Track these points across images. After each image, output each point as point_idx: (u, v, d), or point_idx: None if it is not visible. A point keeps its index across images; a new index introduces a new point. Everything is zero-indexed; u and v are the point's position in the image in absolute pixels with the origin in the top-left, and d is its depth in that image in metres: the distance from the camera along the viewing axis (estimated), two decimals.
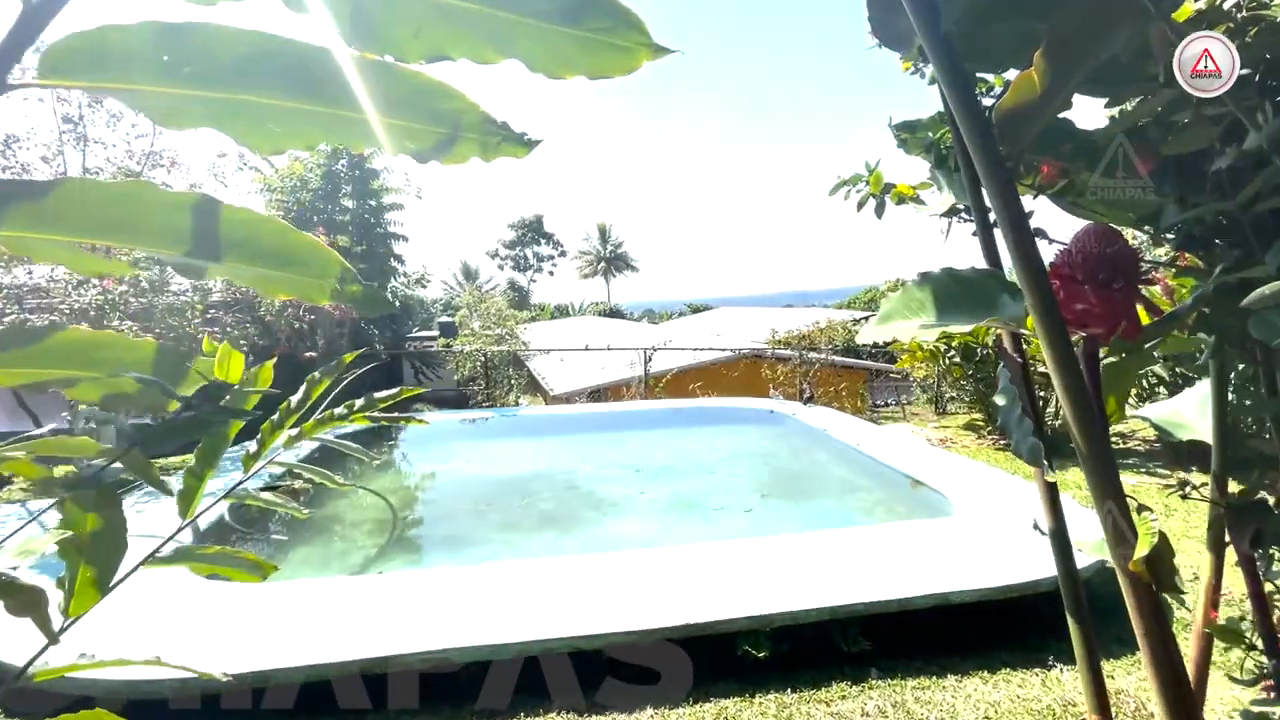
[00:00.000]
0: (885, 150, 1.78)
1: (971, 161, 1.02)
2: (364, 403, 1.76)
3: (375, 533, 4.53)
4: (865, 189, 1.68)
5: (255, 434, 1.18)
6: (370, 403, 1.76)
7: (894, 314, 1.17)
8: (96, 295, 5.70)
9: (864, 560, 3.45)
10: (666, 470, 5.97)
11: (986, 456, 7.84)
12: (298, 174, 10.31)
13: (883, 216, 1.69)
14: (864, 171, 1.67)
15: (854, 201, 1.74)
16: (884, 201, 1.65)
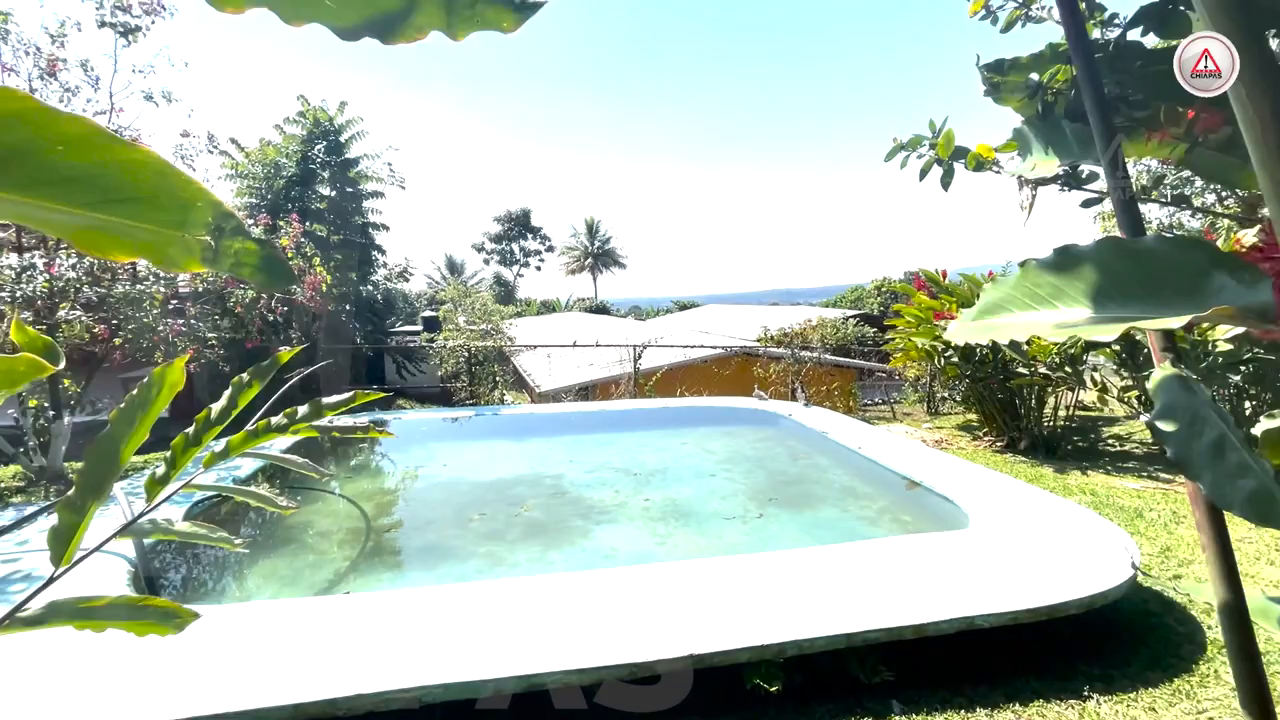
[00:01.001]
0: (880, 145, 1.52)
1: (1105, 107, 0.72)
2: (308, 410, 1.43)
3: (347, 543, 4.18)
4: (929, 154, 1.39)
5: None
6: (315, 410, 1.43)
7: (1006, 304, 0.87)
8: (44, 284, 5.26)
9: (878, 578, 3.18)
10: (659, 474, 5.67)
11: (985, 459, 7.65)
12: (271, 159, 9.85)
13: (950, 187, 1.40)
14: (928, 133, 1.38)
15: (886, 182, 1.44)
16: (952, 169, 1.36)
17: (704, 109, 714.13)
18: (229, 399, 1.37)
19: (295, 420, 1.52)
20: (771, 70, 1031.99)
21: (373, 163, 11.14)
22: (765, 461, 6.20)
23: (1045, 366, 7.38)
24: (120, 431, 0.92)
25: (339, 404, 1.55)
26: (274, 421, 1.48)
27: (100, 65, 6.21)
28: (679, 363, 13.18)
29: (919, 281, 9.35)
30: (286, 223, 7.93)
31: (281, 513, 1.54)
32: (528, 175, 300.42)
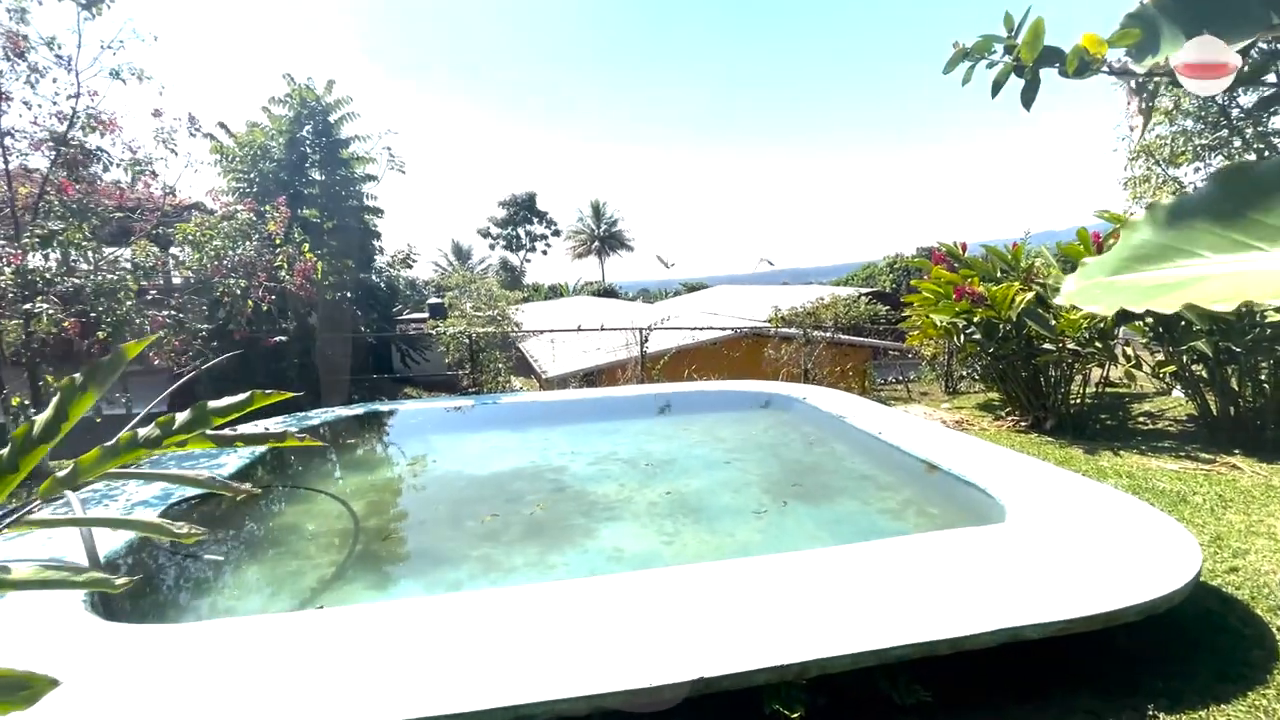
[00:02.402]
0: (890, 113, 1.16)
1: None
2: (190, 416, 1.11)
3: (334, 547, 3.91)
4: (1004, 60, 1.04)
5: None
6: (200, 416, 1.11)
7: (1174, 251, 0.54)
8: (10, 275, 4.98)
9: (908, 582, 2.85)
10: (667, 465, 5.35)
11: (1010, 440, 7.29)
12: (258, 142, 9.50)
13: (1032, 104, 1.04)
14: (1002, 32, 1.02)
15: (897, 155, 1.08)
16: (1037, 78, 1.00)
17: (709, 87, 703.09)
18: (56, 408, 1.05)
19: (171, 431, 1.19)
20: (778, 45, 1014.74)
21: (366, 145, 10.77)
22: (779, 449, 5.87)
23: (1074, 342, 6.97)
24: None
25: (230, 408, 1.22)
26: (142, 434, 1.16)
27: (66, 41, 5.87)
28: (687, 345, 12.82)
29: (937, 255, 8.91)
30: (274, 208, 7.61)
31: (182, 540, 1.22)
32: (532, 158, 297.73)
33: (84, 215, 6.08)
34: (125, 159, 6.46)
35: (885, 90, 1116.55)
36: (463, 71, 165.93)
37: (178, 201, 7.20)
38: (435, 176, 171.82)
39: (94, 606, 2.81)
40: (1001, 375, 8.33)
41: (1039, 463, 4.62)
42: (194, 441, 1.25)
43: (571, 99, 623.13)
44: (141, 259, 6.19)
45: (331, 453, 6.13)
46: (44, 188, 5.97)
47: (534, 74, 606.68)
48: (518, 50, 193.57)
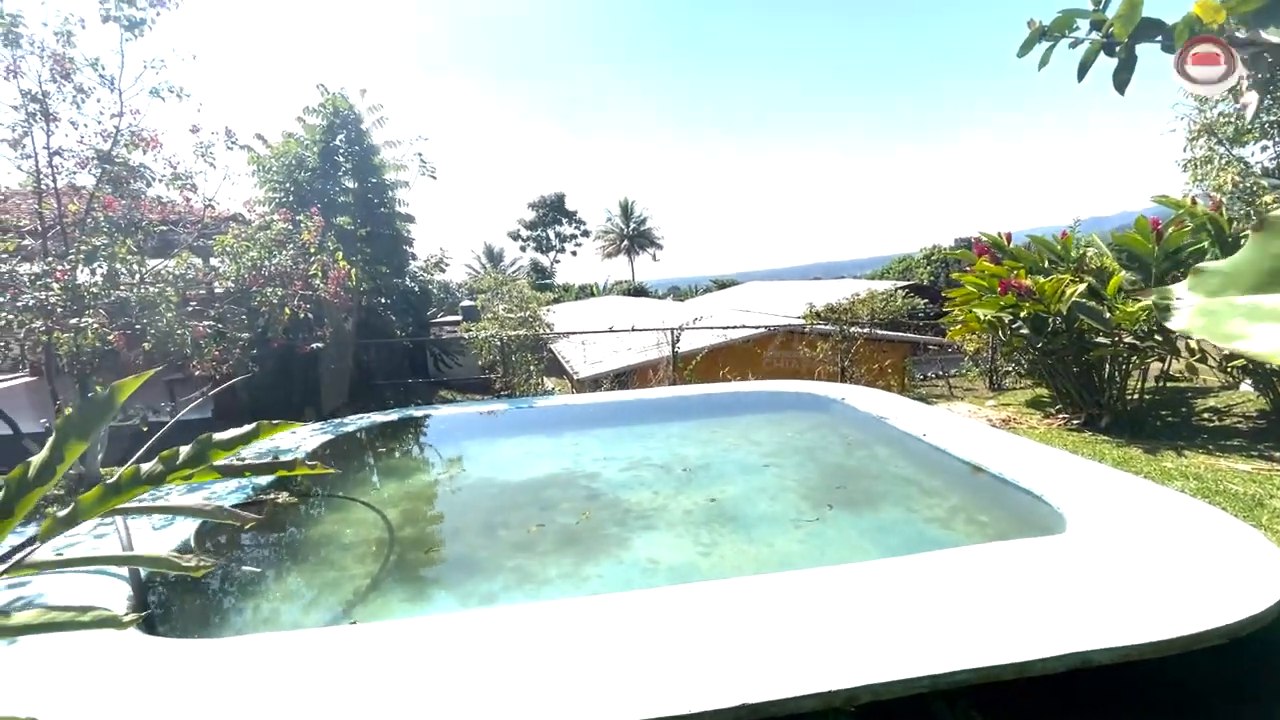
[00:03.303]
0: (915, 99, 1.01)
1: None
2: (193, 450, 1.04)
3: (369, 557, 3.90)
4: (1091, 37, 0.90)
5: None
6: (203, 450, 1.04)
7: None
8: (58, 290, 5.13)
9: (963, 599, 2.67)
10: (702, 471, 5.23)
11: (1062, 440, 6.96)
12: (293, 152, 9.68)
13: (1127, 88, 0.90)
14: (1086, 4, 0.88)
15: (932, 145, 0.94)
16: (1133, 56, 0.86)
17: (739, 83, 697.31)
18: (52, 449, 0.99)
19: (175, 466, 1.13)
20: (809, 39, 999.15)
21: (397, 151, 10.88)
22: (817, 453, 5.68)
23: (1132, 335, 6.59)
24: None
25: (234, 440, 1.16)
26: (145, 470, 1.10)
27: (109, 62, 6.03)
28: (719, 344, 12.65)
29: (980, 247, 8.55)
30: (308, 216, 7.73)
31: (192, 573, 1.16)
32: (561, 160, 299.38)
33: (128, 230, 6.26)
34: (166, 174, 6.62)
35: (915, 79, 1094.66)
36: (493, 77, 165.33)
37: (216, 213, 7.36)
38: (467, 180, 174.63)
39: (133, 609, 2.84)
40: (1051, 371, 7.96)
41: (1096, 465, 4.36)
42: (199, 475, 1.19)
43: (600, 100, 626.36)
44: (182, 271, 6.34)
45: (369, 458, 6.19)
46: (90, 204, 6.16)
47: (562, 77, 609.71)
48: (546, 55, 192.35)
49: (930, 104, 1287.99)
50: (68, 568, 1.02)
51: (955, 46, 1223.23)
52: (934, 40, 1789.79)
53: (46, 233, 5.99)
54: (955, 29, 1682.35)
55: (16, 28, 5.64)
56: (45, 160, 5.95)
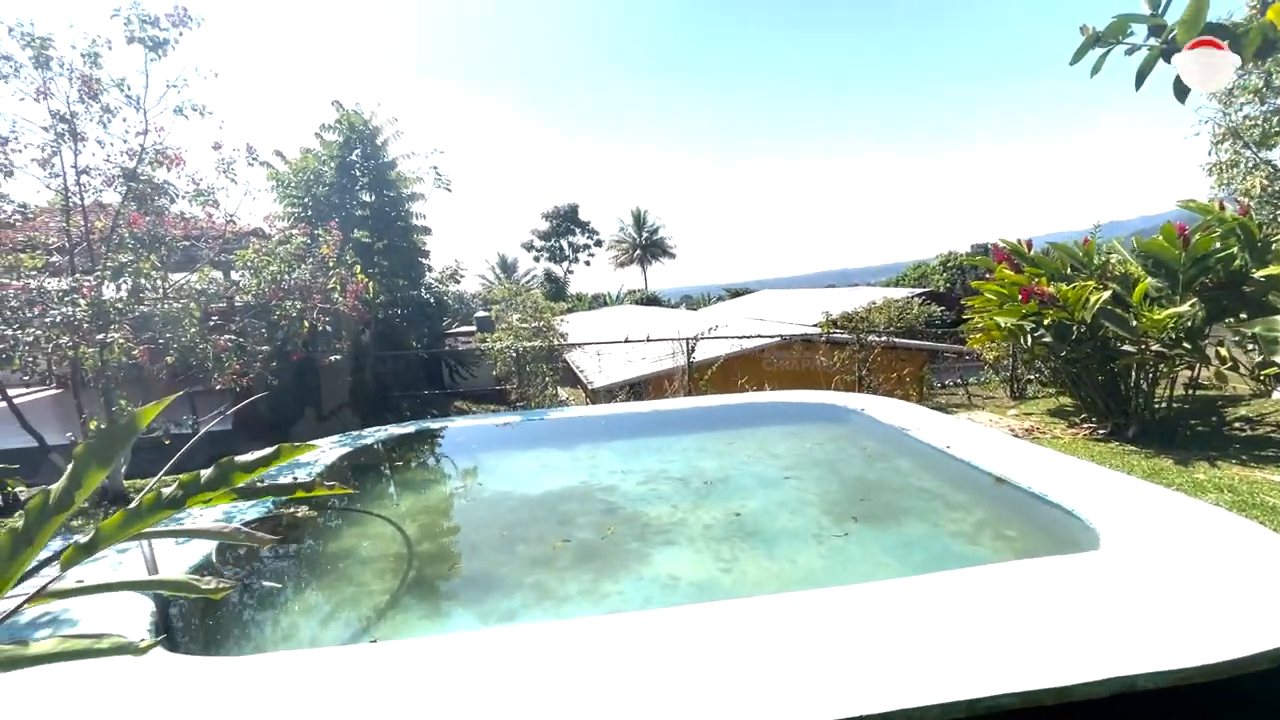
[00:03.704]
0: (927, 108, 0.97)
1: None
2: (214, 474, 1.02)
3: (387, 573, 3.89)
4: (1150, 44, 0.86)
5: None
6: (224, 473, 1.02)
7: None
8: (85, 306, 5.21)
9: (995, 619, 2.59)
10: (720, 484, 5.17)
11: (1088, 450, 6.81)
12: (311, 168, 9.82)
13: (1188, 96, 0.85)
14: (1142, 9, 0.84)
15: (944, 150, 0.90)
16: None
17: (750, 92, 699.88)
18: (72, 476, 0.98)
19: (195, 490, 1.11)
20: (822, 45, 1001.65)
21: (412, 163, 11.00)
22: (837, 466, 5.60)
23: (1159, 343, 6.45)
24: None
25: (255, 463, 1.14)
26: (166, 494, 1.08)
27: (134, 82, 6.15)
28: (734, 353, 12.59)
29: (999, 254, 8.44)
30: (326, 231, 7.82)
31: (211, 596, 1.14)
32: (575, 171, 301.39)
33: (152, 246, 6.37)
34: (189, 191, 6.74)
35: (929, 86, 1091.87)
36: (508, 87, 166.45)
37: (237, 228, 7.47)
38: (480, 191, 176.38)
39: (156, 628, 2.84)
40: (1075, 379, 7.81)
41: (1126, 477, 4.24)
42: (219, 498, 1.17)
43: (612, 107, 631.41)
44: (204, 285, 6.43)
45: (386, 471, 6.19)
46: (116, 221, 6.27)
47: (576, 90, 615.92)
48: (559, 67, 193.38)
49: (942, 109, 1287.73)
50: (89, 594, 1.00)
51: (967, 52, 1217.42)
52: (946, 45, 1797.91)
53: (74, 249, 6.11)
54: (967, 34, 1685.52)
55: (47, 50, 5.78)
56: (73, 179, 6.08)
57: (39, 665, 0.85)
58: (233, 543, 1.36)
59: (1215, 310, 6.48)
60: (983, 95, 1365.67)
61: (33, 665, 0.84)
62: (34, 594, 0.92)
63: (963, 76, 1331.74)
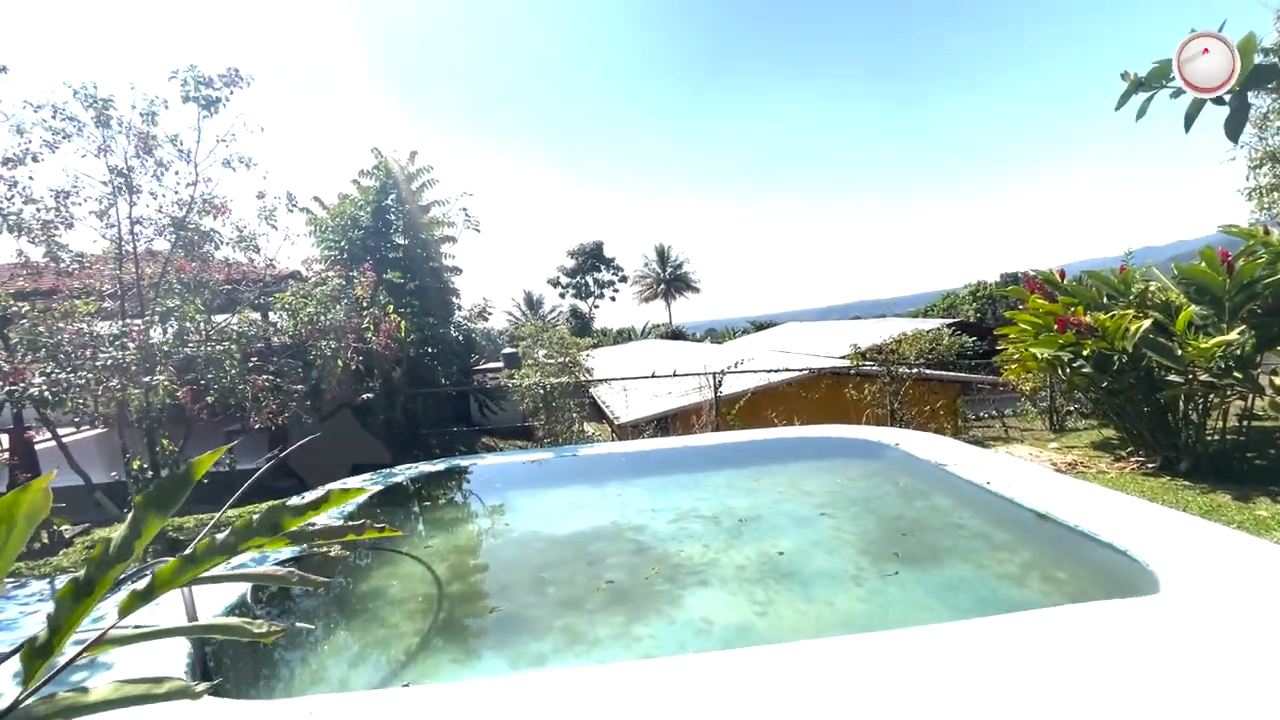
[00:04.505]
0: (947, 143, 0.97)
1: None
2: (265, 519, 1.04)
3: (417, 614, 3.87)
4: None
5: None
6: (275, 518, 1.04)
7: None
8: (133, 350, 5.42)
9: (1053, 666, 2.45)
10: (752, 522, 5.07)
11: (1137, 486, 6.53)
12: (348, 213, 10.20)
13: (1240, 135, 0.84)
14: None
15: (968, 179, 0.88)
16: (1245, 102, 0.81)
17: (766, 121, 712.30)
18: (132, 525, 1.00)
19: (248, 535, 1.13)
20: (845, 80, 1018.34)
21: (445, 209, 11.36)
22: (873, 503, 5.45)
23: (1207, 372, 6.21)
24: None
25: (305, 507, 1.15)
26: (220, 540, 1.10)
27: (185, 137, 6.51)
28: (762, 387, 12.48)
29: (1031, 283, 8.28)
30: (361, 273, 8.06)
31: (263, 640, 1.14)
32: (599, 208, 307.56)
33: (197, 290, 6.62)
34: (233, 237, 7.03)
35: (952, 118, 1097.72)
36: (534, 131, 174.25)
37: (277, 272, 7.74)
38: (508, 230, 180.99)
39: (194, 677, 2.85)
40: (1119, 411, 7.54)
41: (1182, 514, 4.04)
42: (270, 543, 1.18)
43: (634, 144, 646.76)
44: (245, 327, 6.64)
45: (415, 509, 6.22)
46: (165, 268, 6.56)
47: (599, 124, 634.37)
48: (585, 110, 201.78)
49: (967, 140, 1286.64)
50: (146, 640, 1.01)
51: (993, 82, 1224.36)
52: (971, 76, 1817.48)
53: (125, 295, 6.39)
54: (996, 64, 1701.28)
55: (108, 110, 6.16)
56: (127, 228, 6.40)
57: (98, 712, 0.86)
58: (286, 585, 1.37)
59: (1265, 337, 6.23)
60: (1010, 124, 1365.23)
61: (92, 712, 0.85)
62: (93, 641, 0.93)
63: (987, 107, 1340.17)
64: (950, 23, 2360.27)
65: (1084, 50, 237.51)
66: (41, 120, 6.00)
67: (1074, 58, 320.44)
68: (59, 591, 0.79)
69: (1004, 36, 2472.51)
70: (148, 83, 9.48)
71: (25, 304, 6.07)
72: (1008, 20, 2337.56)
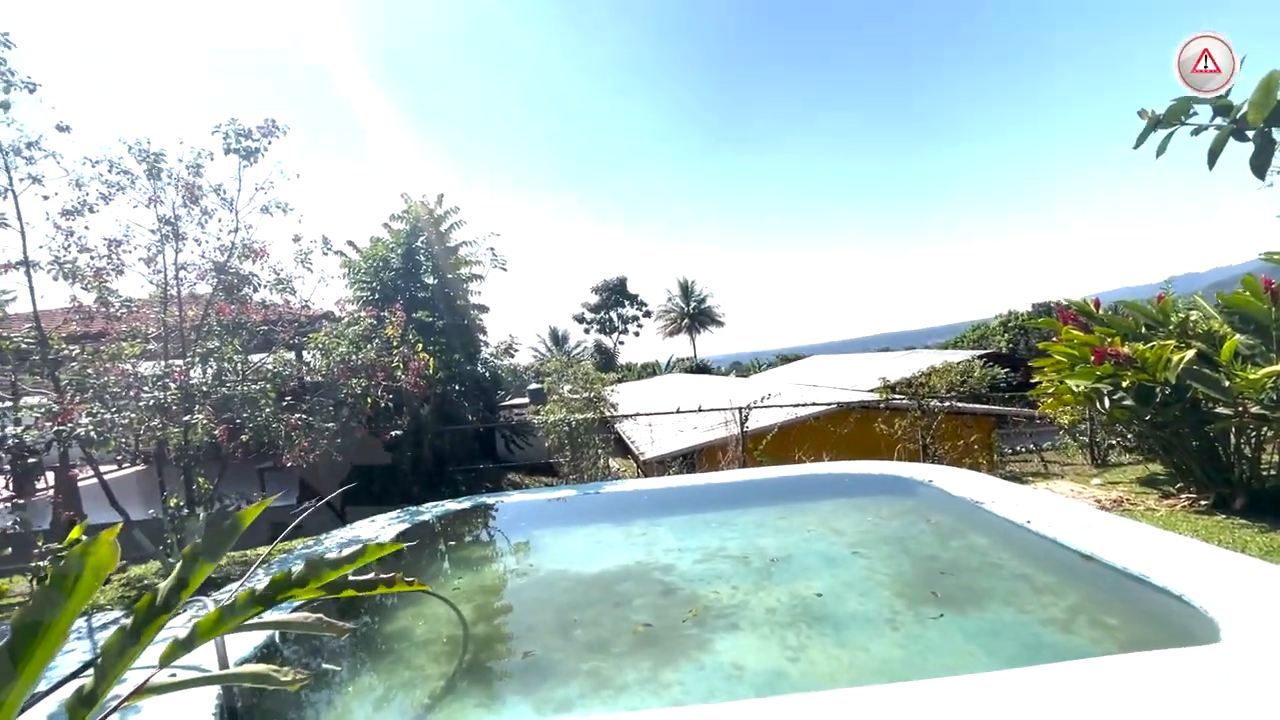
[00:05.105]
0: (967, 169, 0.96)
1: None
2: (304, 571, 1.05)
3: (443, 656, 3.82)
4: (1217, 123, 0.83)
5: None
6: (313, 570, 1.05)
7: None
8: (174, 390, 5.60)
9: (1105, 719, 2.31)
10: (782, 563, 4.94)
11: (1189, 525, 6.22)
12: (380, 255, 10.52)
13: (1266, 172, 0.82)
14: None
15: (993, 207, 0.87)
16: (1271, 140, 0.78)
17: (787, 155, 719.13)
18: (179, 577, 1.01)
19: (286, 587, 1.14)
20: (865, 106, 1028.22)
21: (473, 248, 11.65)
22: (907, 543, 5.27)
23: (1258, 404, 5.94)
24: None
25: (342, 560, 1.16)
26: (260, 591, 1.11)
27: (227, 185, 6.83)
28: (789, 422, 12.31)
29: (1065, 314, 8.11)
30: (391, 313, 8.26)
31: (288, 688, 1.14)
32: (622, 243, 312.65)
33: (235, 331, 6.86)
34: (270, 280, 7.29)
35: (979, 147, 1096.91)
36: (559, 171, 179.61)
37: (311, 312, 7.98)
38: (533, 267, 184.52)
39: (221, 715, 2.85)
40: (1165, 445, 7.24)
41: (1240, 556, 3.82)
42: (305, 593, 1.19)
43: (658, 180, 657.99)
44: (279, 367, 6.83)
45: (441, 548, 6.21)
46: (206, 310, 6.81)
47: (625, 169, 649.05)
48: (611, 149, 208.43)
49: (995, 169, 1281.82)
50: (184, 688, 1.02)
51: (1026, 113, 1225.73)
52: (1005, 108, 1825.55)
53: (168, 336, 6.64)
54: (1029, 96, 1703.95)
55: (159, 164, 6.52)
56: (172, 274, 6.68)
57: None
58: (314, 632, 1.39)
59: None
60: (1036, 153, 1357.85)
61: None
62: (135, 690, 0.94)
63: (1009, 136, 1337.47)
64: (980, 51, 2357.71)
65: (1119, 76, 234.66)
66: (98, 174, 6.36)
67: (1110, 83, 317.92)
68: (106, 641, 0.81)
69: (1034, 64, 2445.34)
70: (193, 135, 10.00)
71: (76, 347, 6.34)
72: (1040, 44, 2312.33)
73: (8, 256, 6.23)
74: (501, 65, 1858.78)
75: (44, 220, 6.21)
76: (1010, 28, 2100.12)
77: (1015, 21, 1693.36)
